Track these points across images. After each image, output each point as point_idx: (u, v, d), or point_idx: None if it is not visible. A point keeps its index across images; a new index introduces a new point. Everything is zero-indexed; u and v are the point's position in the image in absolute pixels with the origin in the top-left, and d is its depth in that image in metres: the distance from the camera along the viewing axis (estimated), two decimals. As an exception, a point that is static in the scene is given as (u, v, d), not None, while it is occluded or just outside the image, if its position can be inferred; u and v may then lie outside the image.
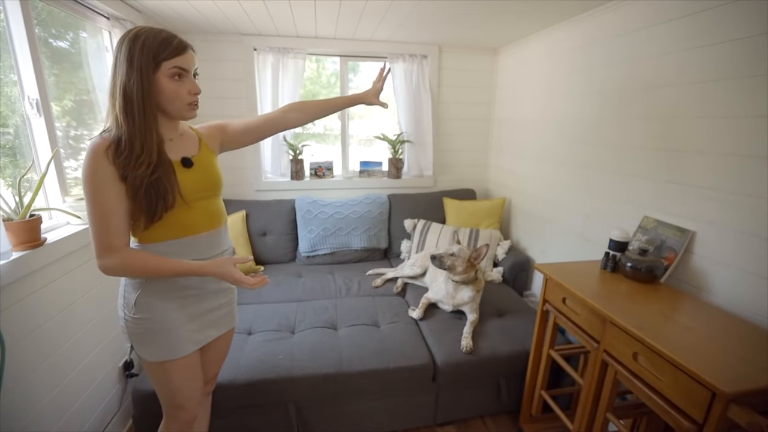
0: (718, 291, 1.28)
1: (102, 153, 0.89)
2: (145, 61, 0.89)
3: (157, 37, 0.91)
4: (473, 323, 1.79)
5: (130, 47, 0.89)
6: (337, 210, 2.57)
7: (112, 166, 0.90)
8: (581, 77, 1.93)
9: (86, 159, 0.89)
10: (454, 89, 2.82)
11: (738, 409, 0.84)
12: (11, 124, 1.31)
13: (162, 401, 1.14)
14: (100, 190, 0.90)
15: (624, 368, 1.14)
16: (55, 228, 1.41)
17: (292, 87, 2.54)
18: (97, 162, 0.89)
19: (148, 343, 1.04)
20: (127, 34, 0.91)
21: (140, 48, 0.89)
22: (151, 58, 0.90)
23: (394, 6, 1.85)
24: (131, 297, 1.02)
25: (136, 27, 0.93)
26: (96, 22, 1.73)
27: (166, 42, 0.92)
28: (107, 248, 0.92)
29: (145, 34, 0.90)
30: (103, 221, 0.91)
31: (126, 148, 0.90)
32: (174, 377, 1.08)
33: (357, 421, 1.66)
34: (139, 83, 0.89)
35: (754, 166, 1.18)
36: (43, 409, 1.23)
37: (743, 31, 1.19)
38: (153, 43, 0.90)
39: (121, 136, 0.90)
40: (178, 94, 0.95)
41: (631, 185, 1.63)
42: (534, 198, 2.39)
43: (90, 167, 0.89)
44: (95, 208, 0.90)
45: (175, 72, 0.94)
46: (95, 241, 0.92)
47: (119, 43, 0.91)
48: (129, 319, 1.02)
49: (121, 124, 0.90)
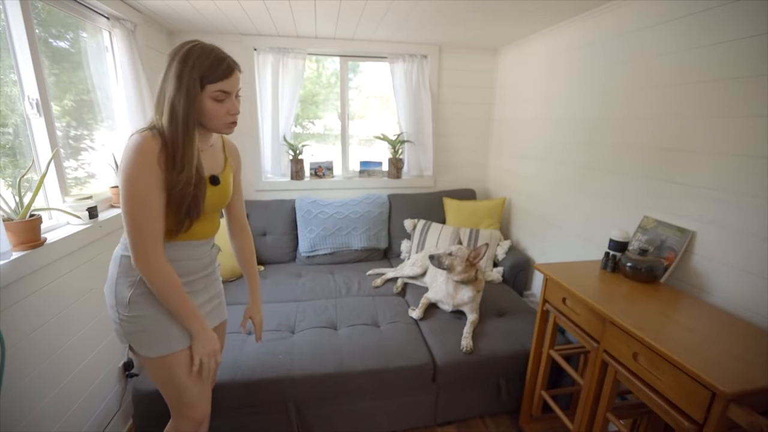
0: (718, 291, 1.28)
1: (155, 156, 0.91)
2: (193, 82, 0.92)
3: (206, 59, 0.93)
4: (473, 323, 1.79)
5: (181, 65, 0.91)
6: (337, 210, 2.57)
7: (161, 173, 0.92)
8: (582, 77, 1.93)
9: (137, 156, 0.89)
10: (454, 89, 2.82)
11: (738, 409, 0.84)
12: (11, 124, 1.31)
13: (170, 401, 1.12)
14: (151, 193, 0.92)
15: (624, 368, 1.14)
16: (55, 228, 1.40)
17: (292, 87, 2.54)
18: (151, 163, 0.91)
19: (147, 340, 1.03)
20: (179, 49, 0.93)
21: (190, 68, 0.91)
22: (198, 80, 0.93)
23: (394, 6, 1.85)
24: (125, 295, 1.01)
25: (189, 43, 0.94)
26: (96, 22, 1.73)
27: (215, 65, 0.94)
28: (152, 251, 0.94)
29: (196, 54, 0.93)
30: (148, 219, 0.93)
31: (170, 158, 0.93)
32: (179, 373, 1.06)
33: (357, 421, 1.66)
34: (185, 102, 0.92)
35: (754, 166, 1.18)
36: (43, 409, 1.23)
37: (744, 31, 1.19)
38: (202, 65, 0.92)
39: (167, 143, 0.93)
40: (217, 113, 0.98)
41: (631, 185, 1.63)
42: (534, 198, 2.39)
43: (142, 166, 0.90)
44: (143, 212, 0.92)
45: (219, 95, 0.96)
46: (138, 240, 0.93)
47: (171, 55, 0.93)
48: (124, 319, 1.01)
49: (165, 132, 0.93)
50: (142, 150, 0.90)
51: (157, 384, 1.10)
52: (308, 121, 2.99)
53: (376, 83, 2.97)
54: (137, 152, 0.90)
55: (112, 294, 1.03)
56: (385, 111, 3.04)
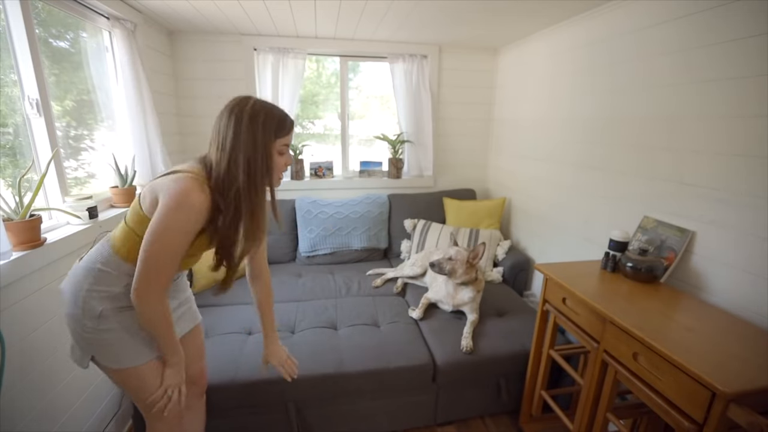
0: (718, 291, 1.28)
1: (203, 210, 0.93)
2: (268, 139, 0.97)
3: (275, 116, 0.98)
4: (473, 323, 1.79)
5: (253, 123, 0.94)
6: (337, 210, 2.57)
7: (202, 222, 0.94)
8: (582, 77, 1.93)
9: (184, 208, 0.90)
10: (454, 89, 2.82)
11: (738, 409, 0.84)
12: (11, 123, 1.31)
13: (141, 407, 1.10)
14: (185, 243, 0.93)
15: (624, 368, 1.14)
16: (55, 228, 1.41)
17: (292, 87, 2.54)
18: (196, 218, 0.92)
19: (117, 352, 1.01)
20: (242, 106, 0.96)
21: (262, 125, 0.95)
22: (273, 136, 0.97)
23: (394, 6, 1.85)
24: (95, 308, 0.97)
25: (247, 100, 0.98)
26: (96, 22, 1.73)
27: (282, 120, 1.00)
28: (157, 289, 0.94)
29: (264, 112, 0.97)
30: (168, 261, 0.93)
31: (218, 210, 0.95)
32: (150, 379, 1.05)
33: (357, 421, 1.66)
34: (262, 159, 0.96)
35: (754, 166, 1.18)
36: (43, 409, 1.23)
37: (744, 31, 1.19)
38: (272, 121, 0.97)
39: (221, 193, 0.95)
40: (279, 166, 1.02)
41: (632, 185, 1.63)
42: (534, 198, 2.39)
43: (187, 220, 0.91)
44: (168, 257, 0.93)
45: (283, 149, 1.01)
46: (149, 277, 0.92)
47: (236, 112, 0.95)
48: (90, 330, 0.97)
49: (242, 195, 0.95)
50: (192, 204, 0.91)
51: (127, 392, 1.08)
52: (308, 121, 2.99)
53: (376, 83, 2.97)
54: (186, 205, 0.90)
55: (77, 305, 0.98)
56: (385, 111, 3.04)
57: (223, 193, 0.95)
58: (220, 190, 0.95)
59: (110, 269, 0.99)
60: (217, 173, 0.95)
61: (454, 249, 1.82)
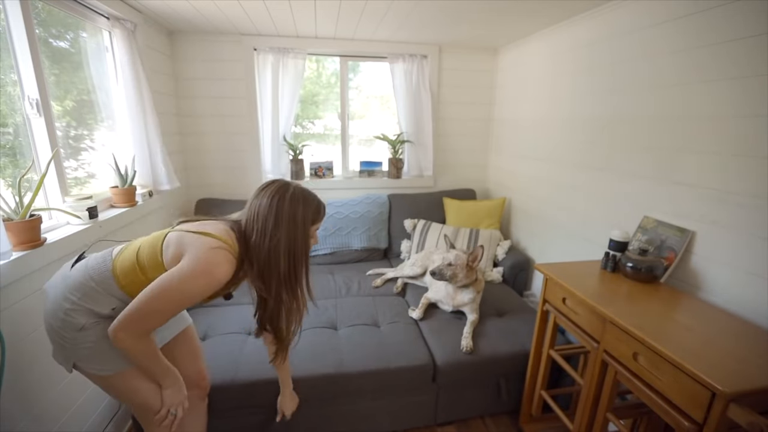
0: (718, 291, 1.28)
1: (225, 281, 0.94)
2: (307, 225, 1.04)
3: (312, 203, 1.06)
4: (473, 323, 1.79)
5: (294, 208, 1.01)
6: (337, 210, 2.57)
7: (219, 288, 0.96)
8: (582, 77, 1.93)
9: (211, 276, 0.92)
10: (454, 89, 2.82)
11: (738, 409, 0.84)
12: (11, 123, 1.31)
13: (136, 412, 1.08)
14: (190, 302, 0.94)
15: (624, 368, 1.14)
16: (55, 228, 1.40)
17: (292, 87, 2.54)
18: (218, 285, 0.94)
19: (99, 359, 0.98)
20: (283, 191, 1.01)
21: (303, 211, 1.02)
22: (311, 222, 1.05)
23: (394, 6, 1.85)
24: (78, 321, 0.95)
25: (287, 185, 1.03)
26: (96, 22, 1.73)
27: (317, 208, 1.07)
28: (143, 332, 0.94)
29: (303, 199, 1.03)
30: (165, 314, 0.93)
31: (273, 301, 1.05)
32: (140, 383, 1.03)
33: (357, 421, 1.66)
34: (303, 245, 1.04)
35: (754, 166, 1.18)
36: (43, 409, 1.23)
37: (744, 31, 1.19)
38: (310, 208, 1.05)
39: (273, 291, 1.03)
40: (309, 247, 1.09)
41: (631, 185, 1.63)
42: (534, 198, 2.39)
43: (207, 287, 0.92)
44: (173, 302, 0.92)
45: (314, 233, 1.09)
46: (139, 323, 0.91)
47: (277, 196, 1.00)
48: (69, 340, 0.95)
49: (284, 281, 1.03)
50: (216, 278, 0.92)
51: (120, 398, 1.08)
52: (308, 121, 2.99)
53: (376, 83, 2.97)
54: (209, 276, 0.91)
55: (56, 316, 0.95)
56: (385, 111, 3.04)
57: (264, 280, 1.00)
58: (260, 275, 1.00)
59: (102, 290, 0.97)
60: (257, 258, 1.00)
61: (453, 253, 1.82)
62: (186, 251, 0.92)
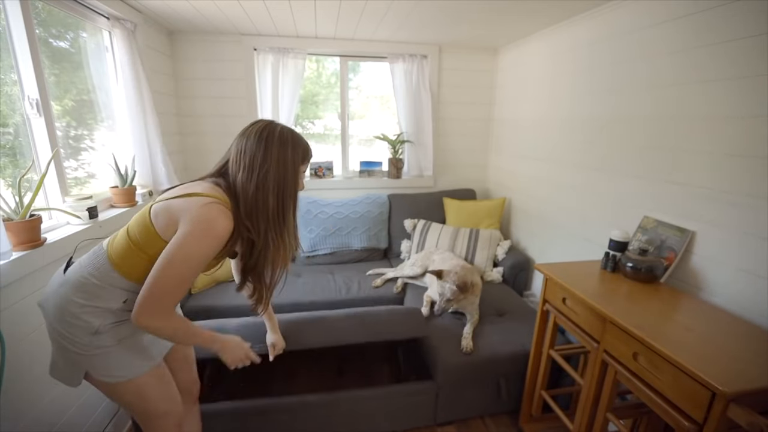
0: (718, 291, 1.28)
1: (227, 235, 0.92)
2: (296, 165, 1.01)
3: (300, 143, 1.03)
4: (473, 323, 1.79)
5: (283, 149, 0.97)
6: (337, 210, 2.57)
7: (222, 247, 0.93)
8: (582, 77, 1.93)
9: (213, 233, 0.90)
10: (454, 89, 2.82)
11: (738, 409, 0.84)
12: (11, 123, 1.31)
13: (140, 419, 1.06)
14: (202, 265, 0.92)
15: (624, 368, 1.14)
16: (55, 228, 1.40)
17: (292, 87, 2.54)
18: (219, 243, 0.92)
19: (112, 366, 0.96)
20: (269, 131, 0.98)
21: (292, 151, 0.99)
22: (300, 161, 1.02)
23: (394, 6, 1.85)
24: (92, 324, 0.92)
25: (273, 126, 1.00)
26: (96, 22, 1.73)
27: (306, 148, 1.05)
28: (166, 311, 0.91)
29: (290, 139, 1.00)
30: (182, 286, 0.91)
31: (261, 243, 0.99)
32: (150, 390, 1.02)
33: (357, 421, 1.66)
34: (292, 183, 1.01)
35: (754, 166, 1.18)
36: (43, 409, 1.23)
37: (744, 31, 1.19)
38: (298, 148, 1.02)
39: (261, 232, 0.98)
40: (297, 189, 1.06)
41: (632, 185, 1.63)
42: (534, 198, 2.39)
43: (211, 246, 0.90)
44: (185, 271, 0.89)
45: (302, 174, 1.06)
46: (159, 302, 0.88)
47: (264, 137, 0.96)
48: (82, 347, 0.92)
49: (271, 221, 0.98)
50: (218, 234, 0.90)
51: (125, 406, 1.04)
52: (308, 121, 2.99)
53: (376, 83, 2.97)
54: (212, 234, 0.89)
55: (64, 320, 0.91)
56: (385, 111, 3.04)
57: (252, 220, 0.96)
58: (248, 215, 0.96)
59: (106, 284, 0.94)
60: (244, 197, 0.95)
61: (447, 287, 1.77)
62: (180, 217, 0.89)
